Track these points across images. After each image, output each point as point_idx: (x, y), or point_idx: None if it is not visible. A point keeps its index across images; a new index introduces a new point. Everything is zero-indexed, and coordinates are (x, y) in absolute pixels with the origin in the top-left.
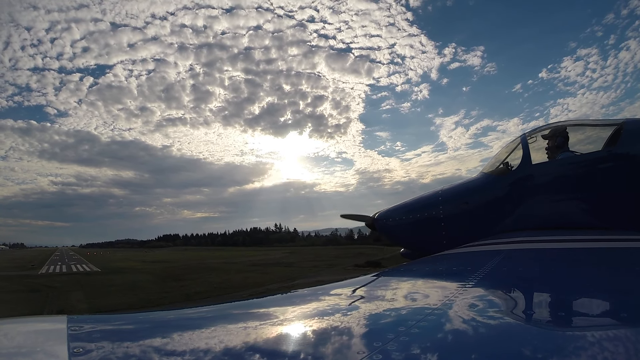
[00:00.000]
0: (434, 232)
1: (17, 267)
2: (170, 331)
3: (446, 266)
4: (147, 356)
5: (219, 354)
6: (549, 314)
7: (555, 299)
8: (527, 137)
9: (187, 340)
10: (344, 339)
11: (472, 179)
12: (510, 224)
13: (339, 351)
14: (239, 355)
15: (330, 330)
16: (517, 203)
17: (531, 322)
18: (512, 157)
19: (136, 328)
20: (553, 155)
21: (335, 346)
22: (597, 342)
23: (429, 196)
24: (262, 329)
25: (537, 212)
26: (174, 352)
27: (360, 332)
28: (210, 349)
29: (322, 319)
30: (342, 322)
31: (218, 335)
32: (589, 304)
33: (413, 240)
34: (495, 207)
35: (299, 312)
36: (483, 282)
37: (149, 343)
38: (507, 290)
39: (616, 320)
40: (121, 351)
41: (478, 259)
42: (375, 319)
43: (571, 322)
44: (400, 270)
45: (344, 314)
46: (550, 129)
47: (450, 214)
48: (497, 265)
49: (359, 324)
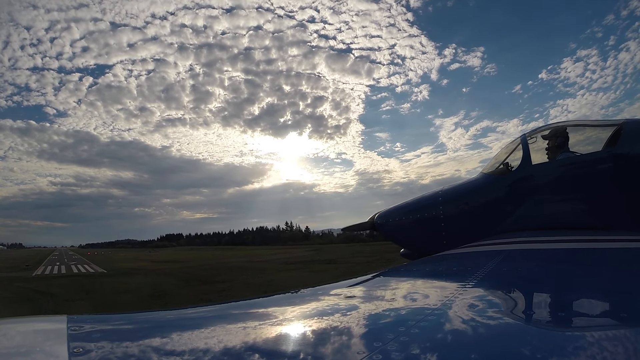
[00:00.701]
0: (434, 233)
1: (8, 268)
2: (170, 331)
3: (446, 266)
4: (147, 356)
5: (219, 354)
6: (549, 315)
7: (555, 300)
8: (527, 138)
9: (187, 340)
10: (344, 339)
11: (472, 180)
12: (510, 225)
13: (339, 351)
14: (239, 355)
15: (330, 330)
16: (517, 203)
17: (531, 323)
18: (512, 157)
19: (136, 328)
20: (553, 155)
21: (335, 346)
22: (597, 342)
23: (429, 197)
24: (262, 329)
25: (537, 212)
26: (174, 352)
27: (360, 332)
28: (210, 349)
29: (322, 319)
30: (342, 322)
31: (218, 335)
32: (589, 304)
33: (413, 241)
34: (495, 207)
35: (299, 312)
36: (483, 282)
37: (149, 343)
38: (507, 291)
39: (616, 320)
40: (121, 351)
41: (478, 260)
42: (375, 319)
43: (571, 322)
44: (400, 270)
45: (344, 314)
46: (550, 130)
47: (451, 214)
48: (497, 265)
49: (359, 324)
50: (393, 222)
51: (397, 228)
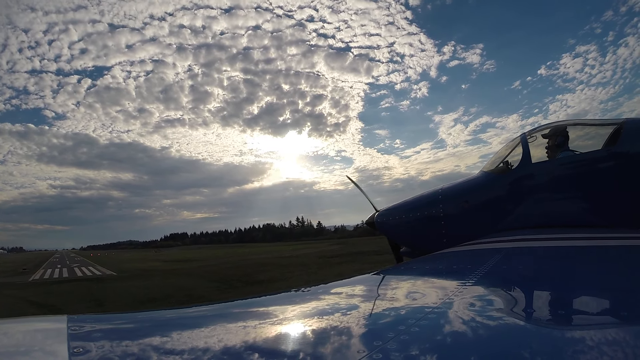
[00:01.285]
0: (434, 231)
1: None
2: (170, 330)
3: (446, 265)
4: (147, 356)
5: (219, 354)
6: (549, 313)
7: (555, 298)
8: (527, 136)
9: (187, 339)
10: (344, 338)
11: (472, 178)
12: (510, 223)
13: (339, 350)
14: (239, 355)
15: (330, 330)
16: (517, 202)
17: (531, 321)
18: (512, 156)
19: (136, 327)
20: (553, 154)
21: (335, 345)
22: (596, 341)
23: (429, 195)
24: (262, 328)
25: (537, 210)
26: (174, 351)
27: (360, 331)
28: (210, 348)
29: (322, 318)
30: (342, 321)
31: (218, 335)
32: (589, 302)
33: (413, 239)
34: (495, 205)
35: (299, 312)
36: (483, 280)
37: (149, 342)
38: (507, 289)
39: (616, 318)
40: (121, 351)
41: (478, 258)
42: (375, 318)
43: (571, 320)
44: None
45: (344, 313)
46: (551, 129)
47: (451, 212)
48: (497, 263)
49: (359, 323)
50: (393, 220)
51: (397, 226)
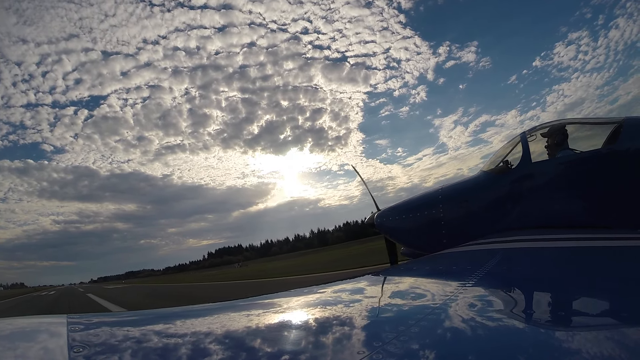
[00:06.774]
0: (434, 231)
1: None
2: (170, 330)
3: (446, 265)
4: (147, 356)
5: (219, 353)
6: (548, 313)
7: (555, 298)
8: (526, 135)
9: (187, 339)
10: (344, 339)
11: (471, 177)
12: (510, 223)
13: (339, 351)
14: (239, 354)
15: (330, 330)
16: (517, 201)
17: (531, 321)
18: (512, 155)
19: (136, 327)
20: (553, 153)
21: (335, 346)
22: (596, 341)
23: (429, 195)
24: (262, 328)
25: (537, 210)
26: (174, 351)
27: (360, 332)
28: (211, 348)
29: (322, 318)
30: (342, 322)
31: (218, 335)
32: (589, 303)
33: (413, 239)
34: (495, 205)
35: (299, 312)
36: (483, 281)
37: (149, 342)
38: (507, 289)
39: (615, 319)
40: (121, 350)
41: (478, 258)
42: (375, 318)
43: (571, 321)
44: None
45: (344, 314)
46: (550, 127)
47: (450, 212)
48: (497, 264)
49: (359, 323)
50: (393, 220)
51: (397, 226)
